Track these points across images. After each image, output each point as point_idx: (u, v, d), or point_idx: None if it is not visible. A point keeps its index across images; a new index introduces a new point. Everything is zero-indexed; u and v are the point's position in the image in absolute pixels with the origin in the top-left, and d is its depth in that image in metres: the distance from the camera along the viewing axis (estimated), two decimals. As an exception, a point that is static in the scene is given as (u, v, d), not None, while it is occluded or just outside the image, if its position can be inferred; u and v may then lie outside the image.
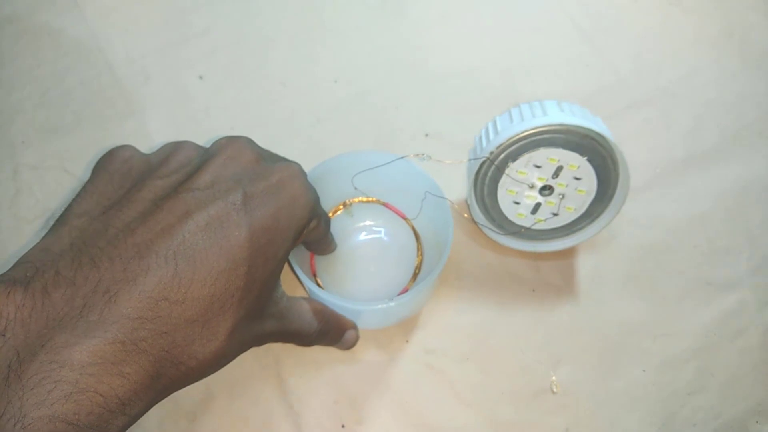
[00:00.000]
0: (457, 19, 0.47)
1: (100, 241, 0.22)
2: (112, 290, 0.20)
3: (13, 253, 0.38)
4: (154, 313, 0.21)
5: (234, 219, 0.23)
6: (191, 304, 0.22)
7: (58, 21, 0.46)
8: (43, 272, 0.21)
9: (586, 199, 0.35)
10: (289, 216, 0.26)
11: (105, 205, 0.24)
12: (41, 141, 0.42)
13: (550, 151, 0.33)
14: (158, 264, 0.21)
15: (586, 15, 0.48)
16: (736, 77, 0.46)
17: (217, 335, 0.23)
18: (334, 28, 0.47)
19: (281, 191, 0.26)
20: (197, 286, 0.22)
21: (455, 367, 0.36)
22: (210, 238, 0.23)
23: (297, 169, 0.28)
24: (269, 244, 0.25)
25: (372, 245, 0.39)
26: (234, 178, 0.25)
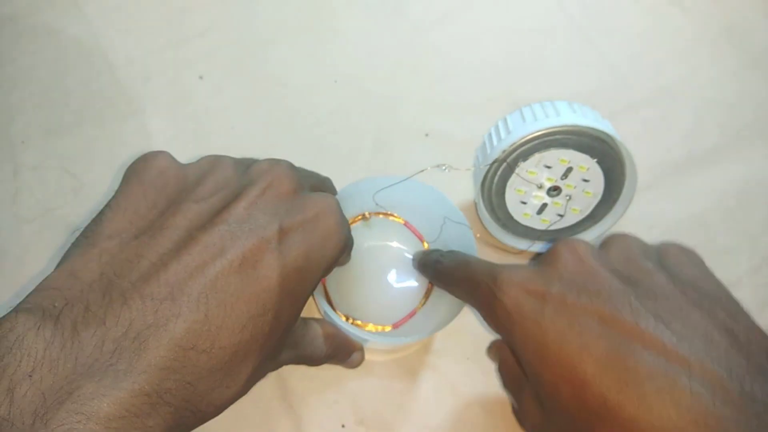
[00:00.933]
0: (457, 20, 0.47)
1: (132, 273, 0.21)
2: (142, 336, 0.20)
3: (13, 253, 0.38)
4: (182, 363, 0.20)
5: (267, 260, 0.23)
6: (217, 353, 0.21)
7: (58, 21, 0.46)
8: (73, 305, 0.20)
9: (592, 201, 0.35)
10: (321, 255, 0.26)
11: (138, 226, 0.23)
12: (41, 141, 0.42)
13: (562, 152, 0.33)
14: (189, 308, 0.21)
15: (585, 15, 0.48)
16: (736, 77, 0.46)
17: (237, 382, 0.23)
18: (334, 28, 0.47)
19: (316, 228, 0.25)
20: (225, 334, 0.21)
21: (456, 366, 0.36)
22: (242, 281, 0.22)
23: (333, 203, 0.27)
24: (299, 284, 0.24)
25: (385, 262, 0.38)
26: (271, 211, 0.24)
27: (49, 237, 0.39)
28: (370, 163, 0.42)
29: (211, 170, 0.26)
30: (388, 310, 0.36)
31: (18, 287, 0.38)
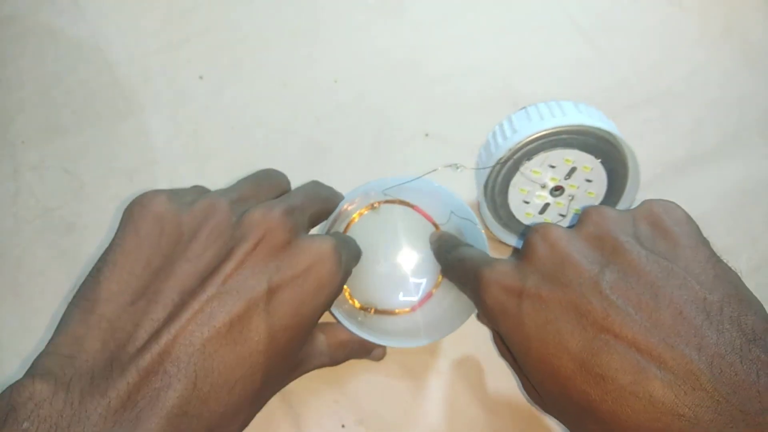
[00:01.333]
0: (456, 20, 0.47)
1: (129, 345, 0.22)
2: (138, 407, 0.21)
3: (13, 253, 0.39)
4: (175, 428, 0.22)
5: (255, 322, 0.24)
6: (208, 416, 0.23)
7: (58, 21, 0.46)
8: (81, 376, 0.22)
9: (594, 201, 0.35)
10: (314, 305, 0.26)
11: (133, 288, 0.24)
12: (41, 141, 0.42)
13: (567, 152, 0.33)
14: (178, 378, 0.22)
15: (586, 15, 0.48)
16: (737, 77, 0.46)
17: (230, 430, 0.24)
18: (334, 28, 0.47)
19: (308, 280, 0.26)
20: (214, 398, 0.23)
21: (455, 366, 0.36)
22: (229, 345, 0.23)
23: (327, 249, 0.27)
24: (290, 341, 0.25)
25: (397, 247, 0.38)
26: (260, 270, 0.25)
27: (49, 237, 0.39)
28: (369, 163, 0.42)
29: (205, 219, 0.26)
30: (405, 292, 0.37)
31: (18, 287, 0.38)
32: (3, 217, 0.39)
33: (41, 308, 0.37)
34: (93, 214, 0.40)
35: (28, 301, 0.37)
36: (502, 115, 0.38)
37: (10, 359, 0.36)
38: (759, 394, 0.19)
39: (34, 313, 0.37)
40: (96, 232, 0.39)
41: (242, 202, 0.28)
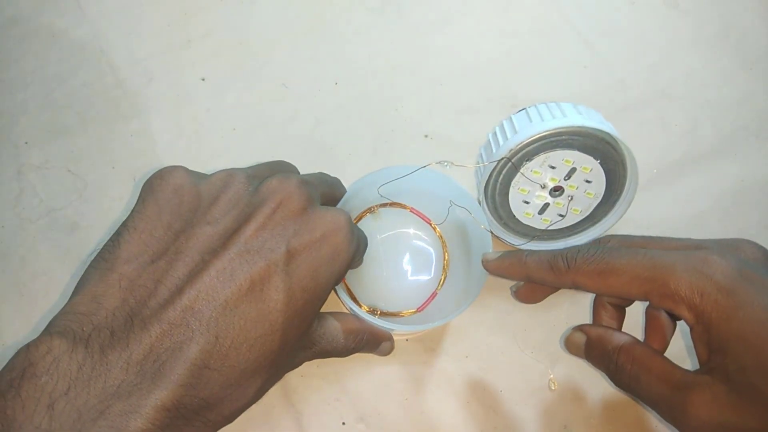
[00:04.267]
0: (456, 22, 0.48)
1: (150, 300, 0.23)
2: (161, 358, 0.22)
3: (17, 253, 0.39)
4: (196, 380, 0.22)
5: (274, 282, 0.25)
6: (228, 371, 0.23)
7: (62, 22, 0.46)
8: (100, 331, 0.22)
9: (592, 202, 0.36)
10: (330, 271, 0.27)
11: (154, 249, 0.25)
12: (45, 141, 0.42)
13: (567, 153, 0.34)
14: (201, 332, 0.23)
15: (583, 17, 0.48)
16: (733, 79, 0.46)
17: (246, 395, 0.25)
18: (334, 30, 0.47)
19: (324, 246, 0.27)
20: (234, 353, 0.23)
21: (455, 365, 0.36)
22: (250, 303, 0.24)
23: (342, 219, 0.28)
24: (307, 303, 0.26)
25: (400, 249, 0.39)
26: (279, 233, 0.26)
27: (53, 237, 0.39)
28: (370, 164, 0.42)
29: (224, 188, 0.27)
30: (409, 295, 0.37)
31: (22, 286, 0.38)
32: (7, 217, 0.40)
33: (45, 307, 0.37)
34: (96, 214, 0.40)
35: (32, 300, 0.38)
36: (500, 117, 0.38)
37: (14, 358, 0.36)
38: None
39: (38, 313, 0.37)
40: (99, 231, 0.40)
41: (258, 178, 0.28)
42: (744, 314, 0.25)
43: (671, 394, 0.26)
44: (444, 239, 0.39)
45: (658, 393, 0.27)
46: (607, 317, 0.33)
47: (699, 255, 0.27)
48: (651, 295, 0.27)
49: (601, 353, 0.30)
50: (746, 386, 0.24)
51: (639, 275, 0.27)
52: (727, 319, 0.25)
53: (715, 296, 0.25)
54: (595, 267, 0.29)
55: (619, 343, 0.29)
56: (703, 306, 0.26)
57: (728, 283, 0.25)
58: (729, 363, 0.25)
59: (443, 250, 0.38)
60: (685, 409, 0.26)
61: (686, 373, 0.27)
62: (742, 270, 0.26)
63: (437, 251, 0.38)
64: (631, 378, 0.28)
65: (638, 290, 0.28)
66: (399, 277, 0.38)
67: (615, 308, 0.33)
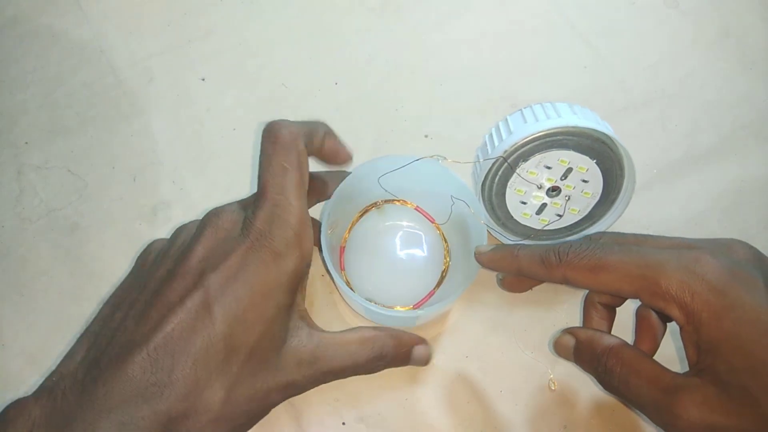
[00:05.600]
0: (456, 22, 0.48)
1: (108, 346, 0.26)
2: (108, 383, 0.25)
3: (17, 253, 0.39)
4: (147, 394, 0.24)
5: (206, 301, 0.26)
6: (178, 384, 0.25)
7: (62, 23, 0.46)
8: (65, 378, 0.26)
9: (590, 201, 0.36)
10: (269, 276, 0.27)
11: (117, 305, 0.29)
12: (45, 142, 0.42)
13: (562, 153, 0.34)
14: (142, 357, 0.25)
15: (583, 17, 0.48)
16: (733, 79, 0.46)
17: (212, 405, 0.26)
18: (334, 30, 0.47)
19: (258, 253, 0.27)
20: (178, 369, 0.25)
21: (454, 365, 0.36)
22: (184, 327, 0.26)
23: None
24: (249, 309, 0.27)
25: (400, 244, 0.39)
26: (211, 257, 0.27)
27: (52, 237, 0.39)
28: (370, 163, 0.42)
29: (177, 234, 0.31)
30: (407, 291, 0.37)
31: (22, 286, 0.38)
32: (7, 217, 0.40)
33: (45, 307, 0.38)
34: (96, 214, 0.40)
35: (32, 300, 0.38)
36: (501, 117, 0.38)
37: (14, 358, 0.36)
38: None
39: (38, 313, 0.37)
40: (99, 231, 0.40)
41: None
42: (734, 315, 0.25)
43: (660, 396, 0.26)
44: (445, 238, 0.39)
45: (646, 396, 0.27)
46: (598, 317, 0.33)
47: (691, 254, 0.27)
48: (642, 293, 0.27)
49: (590, 356, 0.30)
50: (736, 387, 0.24)
51: (630, 272, 0.27)
52: (717, 319, 0.25)
53: (706, 296, 0.25)
54: (586, 262, 0.29)
55: (608, 345, 0.29)
56: (693, 305, 0.26)
57: (719, 283, 0.25)
58: (719, 364, 0.25)
59: (444, 250, 0.38)
60: (674, 411, 0.25)
61: (676, 376, 0.26)
62: (733, 270, 0.26)
63: (438, 250, 0.38)
64: (620, 381, 0.28)
65: (629, 287, 0.28)
66: (398, 273, 0.38)
67: (606, 308, 0.33)
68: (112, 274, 0.38)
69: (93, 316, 0.29)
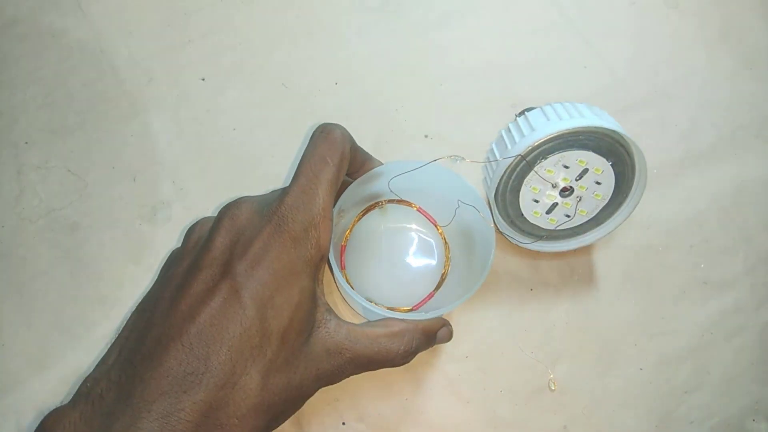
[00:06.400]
0: (456, 22, 0.48)
1: (140, 344, 0.26)
2: (145, 379, 0.25)
3: (17, 253, 0.39)
4: (185, 385, 0.24)
5: (234, 288, 0.26)
6: (215, 372, 0.25)
7: (61, 23, 0.46)
8: (99, 382, 0.26)
9: (599, 204, 0.36)
10: (290, 260, 0.28)
11: (145, 308, 0.28)
12: (45, 142, 0.42)
13: (582, 154, 0.33)
14: (176, 349, 0.25)
15: (583, 17, 0.48)
16: (733, 79, 0.46)
17: (250, 391, 0.26)
18: (334, 30, 0.47)
19: (279, 237, 0.28)
20: (214, 357, 0.25)
21: (455, 365, 0.36)
22: (215, 315, 0.26)
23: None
24: (276, 294, 0.27)
25: (402, 245, 0.39)
26: (234, 244, 0.28)
27: (52, 237, 0.39)
28: (370, 163, 0.42)
29: (191, 232, 0.32)
30: (406, 292, 0.37)
31: (22, 286, 0.38)
32: (7, 217, 0.40)
33: (45, 308, 0.38)
34: (97, 213, 0.40)
35: (32, 300, 0.38)
36: (501, 117, 0.38)
37: (14, 358, 0.36)
38: None
39: (38, 313, 0.37)
40: (99, 231, 0.40)
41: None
42: None
43: None
44: (447, 241, 0.38)
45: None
46: None
47: None
48: None
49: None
50: None
51: None
52: None
53: None
54: None
55: None
56: None
57: None
58: None
59: (445, 253, 0.38)
60: None
61: None
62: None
63: (439, 253, 0.38)
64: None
65: None
66: (397, 274, 0.38)
67: None
68: (112, 274, 0.38)
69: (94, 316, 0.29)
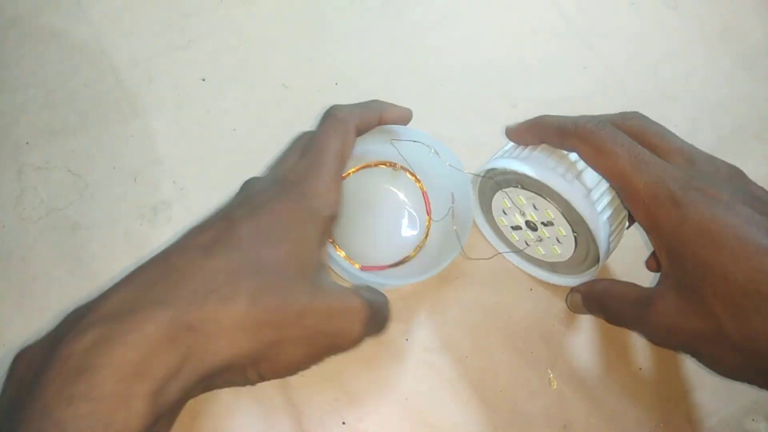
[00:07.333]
0: (455, 22, 0.48)
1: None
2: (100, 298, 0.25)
3: (18, 253, 0.39)
4: (153, 298, 0.24)
5: (230, 222, 0.27)
6: (189, 287, 0.24)
7: (62, 23, 0.46)
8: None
9: (556, 258, 0.36)
10: (294, 208, 0.28)
11: None
12: (46, 142, 0.42)
13: (553, 210, 0.33)
14: (156, 265, 0.26)
15: (583, 17, 0.48)
16: (732, 79, 0.46)
17: (234, 305, 0.24)
18: (335, 30, 0.47)
19: (286, 194, 0.29)
20: (193, 275, 0.25)
21: (454, 364, 0.36)
22: (206, 245, 0.26)
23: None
24: (273, 228, 0.27)
25: (391, 209, 0.39)
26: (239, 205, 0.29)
27: (53, 237, 0.39)
28: (370, 163, 0.42)
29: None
30: (383, 253, 0.38)
31: (23, 287, 0.38)
32: (8, 218, 0.40)
33: (46, 308, 0.38)
34: (97, 214, 0.40)
35: (32, 300, 0.38)
36: (500, 117, 0.38)
37: (15, 357, 0.36)
38: None
39: (39, 313, 0.37)
40: (100, 231, 0.40)
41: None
42: (688, 225, 0.27)
43: (634, 310, 0.30)
44: (430, 226, 0.39)
45: (626, 313, 0.31)
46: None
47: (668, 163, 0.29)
48: (621, 191, 0.30)
49: (591, 302, 0.34)
50: (692, 292, 0.27)
51: (617, 167, 0.29)
52: (674, 228, 0.27)
53: (666, 204, 0.27)
54: (594, 141, 0.30)
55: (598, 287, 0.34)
56: (656, 212, 0.28)
57: (678, 193, 0.27)
58: (677, 270, 0.28)
59: (426, 228, 0.39)
60: (646, 320, 0.29)
61: (644, 289, 0.31)
62: (694, 182, 0.28)
63: (421, 225, 0.39)
64: (610, 311, 0.32)
65: (614, 181, 0.30)
66: (380, 233, 0.39)
67: None
68: (112, 274, 0.38)
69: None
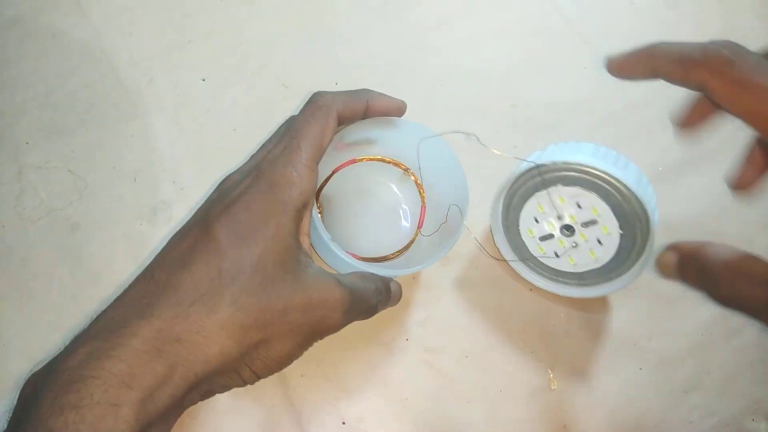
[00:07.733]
0: (456, 22, 0.48)
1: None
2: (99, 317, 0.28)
3: (18, 253, 0.39)
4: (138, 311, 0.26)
5: (206, 225, 0.28)
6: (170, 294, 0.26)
7: (63, 23, 0.46)
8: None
9: (591, 264, 0.34)
10: (266, 201, 0.29)
11: None
12: (46, 142, 0.42)
13: (601, 204, 0.31)
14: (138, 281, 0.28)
15: (583, 17, 0.48)
16: (733, 79, 0.46)
17: (219, 310, 0.26)
18: (335, 30, 0.47)
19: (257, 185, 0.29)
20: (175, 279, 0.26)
21: (455, 365, 0.36)
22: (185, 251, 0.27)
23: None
24: (248, 227, 0.28)
25: (386, 203, 0.39)
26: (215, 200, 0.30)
27: (53, 237, 0.39)
28: (370, 163, 0.42)
29: None
30: (367, 244, 0.38)
31: (23, 286, 0.38)
32: (8, 217, 0.40)
33: (46, 307, 0.38)
34: (97, 214, 0.40)
35: (33, 300, 0.38)
36: (500, 117, 0.38)
37: (15, 358, 0.36)
38: None
39: (39, 312, 0.37)
40: (100, 231, 0.40)
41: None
42: None
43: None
44: (415, 238, 0.38)
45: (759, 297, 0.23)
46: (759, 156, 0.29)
47: None
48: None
49: (694, 269, 0.26)
50: None
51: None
52: None
53: None
54: (733, 74, 0.24)
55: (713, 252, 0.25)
56: None
57: None
58: None
59: (420, 215, 0.39)
60: None
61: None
62: None
63: (413, 217, 0.39)
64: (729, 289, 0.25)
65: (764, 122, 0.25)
66: (367, 227, 0.39)
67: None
68: (113, 274, 0.38)
69: (94, 316, 0.29)
